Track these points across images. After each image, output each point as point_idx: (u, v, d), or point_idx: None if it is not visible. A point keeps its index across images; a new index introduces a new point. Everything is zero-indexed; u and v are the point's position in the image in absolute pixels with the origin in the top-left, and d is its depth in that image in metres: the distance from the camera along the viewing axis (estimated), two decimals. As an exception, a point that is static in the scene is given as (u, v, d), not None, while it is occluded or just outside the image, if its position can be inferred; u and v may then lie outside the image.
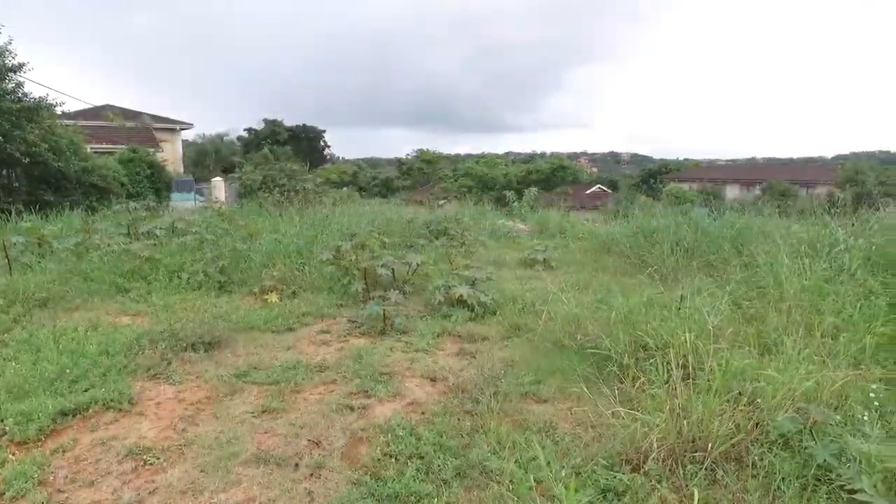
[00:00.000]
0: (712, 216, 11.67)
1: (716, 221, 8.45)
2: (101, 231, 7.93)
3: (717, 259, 7.07)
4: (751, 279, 5.59)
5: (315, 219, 9.11)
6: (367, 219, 9.39)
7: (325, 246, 7.08)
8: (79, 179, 13.88)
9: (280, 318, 5.11)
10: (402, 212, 11.91)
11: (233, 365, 4.05)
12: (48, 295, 5.58)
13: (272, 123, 59.53)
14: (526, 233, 12.34)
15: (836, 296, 4.55)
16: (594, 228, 11.19)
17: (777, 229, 7.41)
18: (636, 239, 8.41)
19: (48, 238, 7.20)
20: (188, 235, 7.45)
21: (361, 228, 8.33)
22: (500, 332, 4.79)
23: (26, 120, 12.31)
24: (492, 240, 10.59)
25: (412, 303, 5.68)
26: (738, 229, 7.59)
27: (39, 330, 4.62)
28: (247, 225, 8.75)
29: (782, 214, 8.92)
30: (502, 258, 8.70)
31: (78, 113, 31.40)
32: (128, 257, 6.59)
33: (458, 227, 10.06)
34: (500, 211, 17.67)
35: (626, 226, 9.49)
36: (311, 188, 12.14)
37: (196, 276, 6.27)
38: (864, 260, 5.43)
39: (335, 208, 10.74)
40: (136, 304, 5.58)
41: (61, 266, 6.55)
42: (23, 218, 10.45)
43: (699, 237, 7.70)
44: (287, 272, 6.35)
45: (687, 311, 3.89)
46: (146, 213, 9.07)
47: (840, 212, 7.61)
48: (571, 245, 9.98)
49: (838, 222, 6.88)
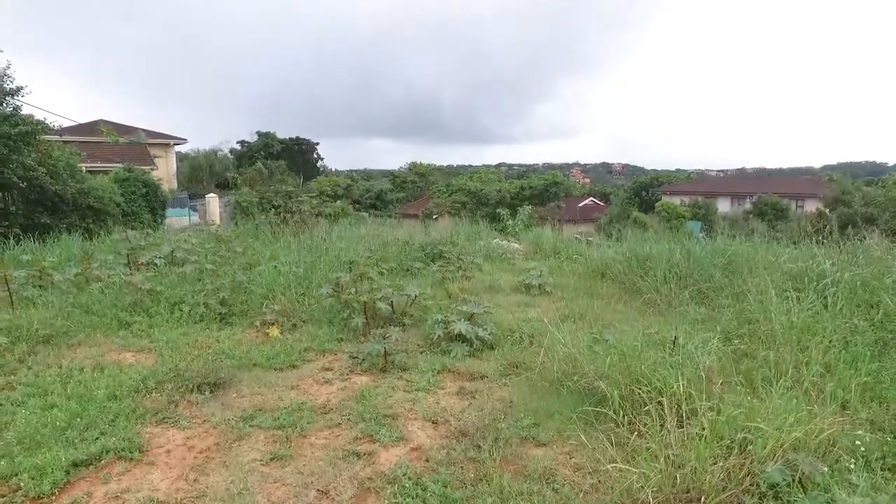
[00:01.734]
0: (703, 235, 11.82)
1: (707, 247, 8.63)
2: (101, 261, 7.99)
3: (708, 287, 7.24)
4: (742, 312, 5.75)
5: (313, 244, 9.20)
6: (363, 244, 9.50)
7: (324, 276, 7.21)
8: (75, 201, 13.90)
9: (282, 355, 5.20)
10: (397, 233, 12.02)
11: (239, 407, 4.13)
12: (51, 331, 5.64)
13: (265, 136, 59.71)
14: (521, 253, 12.49)
15: (824, 333, 4.71)
16: (588, 251, 11.34)
17: (767, 257, 7.61)
18: (629, 264, 8.57)
19: (49, 269, 7.25)
20: (188, 265, 7.53)
21: (359, 255, 8.45)
22: (498, 370, 4.90)
23: (24, 143, 12.37)
24: (487, 261, 10.73)
25: (411, 336, 5.79)
26: (729, 257, 7.75)
27: (46, 371, 4.69)
28: (245, 251, 8.84)
29: (772, 239, 9.10)
30: (497, 282, 8.82)
31: (72, 129, 31.44)
32: (129, 290, 6.65)
33: (454, 250, 10.20)
34: (495, 227, 17.87)
35: (620, 250, 9.64)
36: (308, 210, 12.21)
37: (197, 308, 6.36)
38: (851, 294, 5.61)
39: (332, 231, 10.83)
40: (139, 340, 5.65)
41: (63, 299, 6.61)
42: (20, 243, 10.50)
43: (691, 264, 7.85)
44: (287, 304, 6.44)
45: (680, 353, 4.03)
46: (145, 243, 9.13)
47: (827, 237, 7.82)
48: (566, 268, 10.14)
49: (826, 251, 7.10)
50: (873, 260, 6.47)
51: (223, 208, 25.11)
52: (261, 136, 59.46)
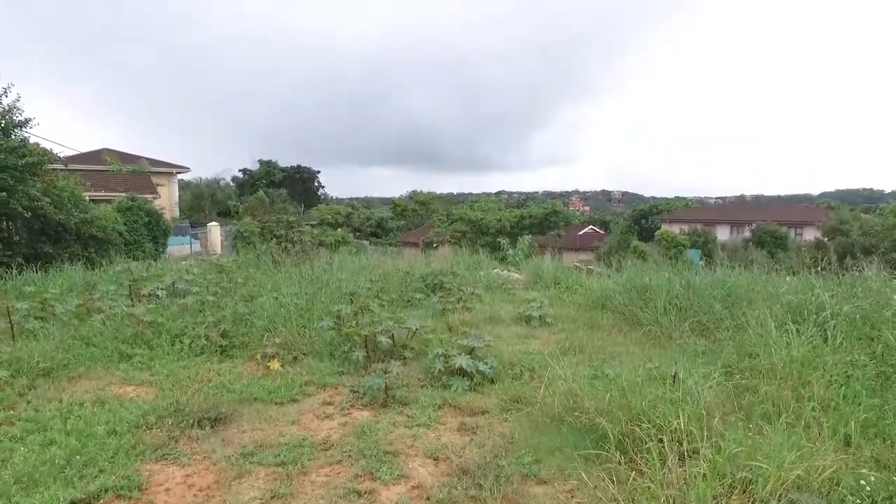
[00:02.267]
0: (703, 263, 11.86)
1: (707, 278, 8.65)
2: (103, 292, 8.02)
3: (708, 319, 7.25)
4: (742, 345, 5.76)
5: (314, 274, 9.24)
6: (364, 275, 9.54)
7: (325, 307, 7.22)
8: (78, 231, 14.01)
9: (283, 389, 5.19)
10: (398, 263, 12.07)
11: (239, 443, 4.11)
12: (52, 364, 5.64)
13: (267, 164, 60.36)
14: (521, 283, 12.51)
15: (825, 368, 4.71)
16: (588, 281, 11.38)
17: (766, 289, 7.64)
18: (629, 295, 8.59)
19: (51, 301, 7.28)
20: (189, 297, 7.56)
21: (360, 286, 8.48)
22: (499, 405, 4.88)
23: (30, 174, 12.54)
24: (487, 292, 10.74)
25: (412, 370, 5.78)
26: (728, 289, 7.78)
27: (46, 405, 4.68)
28: (246, 282, 8.88)
29: (771, 269, 9.13)
30: (498, 314, 8.82)
31: (77, 157, 31.82)
32: (130, 322, 6.67)
33: (454, 281, 10.24)
34: (495, 257, 17.92)
35: (619, 280, 9.67)
36: (309, 240, 12.30)
37: (199, 340, 6.37)
38: (851, 327, 5.62)
39: (333, 261, 10.88)
40: (140, 373, 5.64)
41: (64, 331, 6.62)
42: (23, 272, 10.56)
43: (691, 295, 7.88)
44: (288, 336, 6.45)
45: (680, 389, 4.03)
46: (147, 274, 9.18)
47: (826, 268, 7.85)
48: (566, 298, 10.16)
49: (824, 283, 7.13)
50: (872, 292, 6.50)
51: (224, 237, 25.26)
52: (262, 165, 60.10)
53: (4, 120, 12.57)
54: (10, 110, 12.68)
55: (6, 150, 11.95)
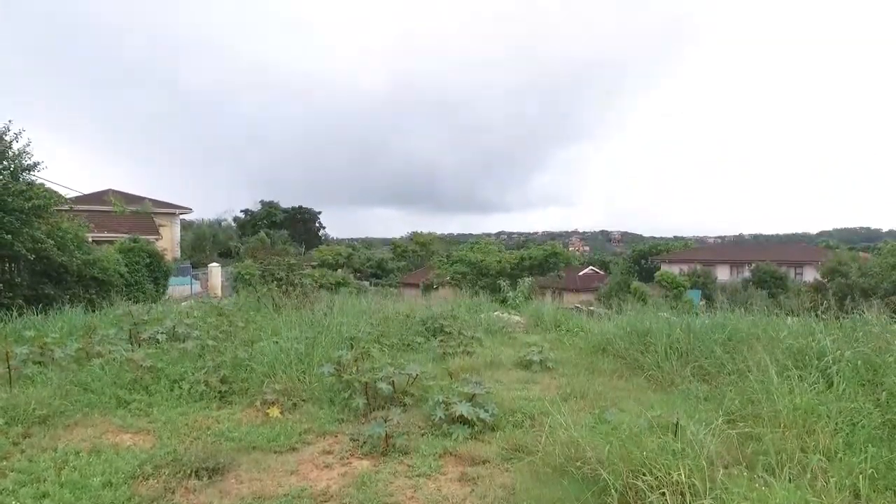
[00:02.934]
0: (704, 307, 11.84)
1: (707, 322, 8.65)
2: (103, 336, 8.01)
3: (710, 364, 7.22)
4: (744, 391, 5.71)
5: (314, 318, 9.24)
6: (365, 319, 9.53)
7: (325, 352, 7.20)
8: (80, 273, 14.07)
9: (282, 437, 5.13)
10: (399, 306, 12.08)
11: (237, 494, 4.05)
12: (48, 411, 5.59)
13: (268, 205, 61.07)
14: (521, 326, 12.48)
15: (829, 415, 4.67)
16: (589, 324, 11.36)
17: (766, 333, 7.63)
18: (630, 339, 8.57)
19: (50, 345, 7.26)
20: (189, 341, 7.55)
21: (360, 330, 8.48)
22: (500, 454, 4.82)
23: (35, 216, 12.69)
24: (487, 335, 10.71)
25: (413, 417, 5.72)
26: (729, 333, 7.77)
27: (40, 455, 4.62)
28: (247, 326, 8.87)
29: (771, 311, 9.13)
30: (499, 358, 8.78)
31: (81, 198, 32.22)
32: (129, 367, 6.64)
33: (455, 324, 10.23)
34: (495, 298, 17.92)
35: (620, 323, 9.67)
36: (310, 283, 12.34)
37: (198, 385, 6.32)
38: (853, 373, 5.59)
39: (334, 304, 10.90)
40: (138, 420, 5.58)
41: (62, 376, 6.57)
42: (23, 315, 10.55)
43: (692, 340, 7.86)
44: (288, 382, 6.41)
45: (682, 439, 3.99)
46: (148, 317, 9.18)
47: (825, 311, 7.84)
48: (566, 342, 10.13)
49: (825, 327, 7.12)
50: (873, 336, 6.49)
51: (225, 278, 25.31)
52: (264, 206, 60.79)
53: (14, 164, 12.81)
54: (19, 154, 12.95)
55: (13, 193, 12.14)
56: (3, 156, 12.90)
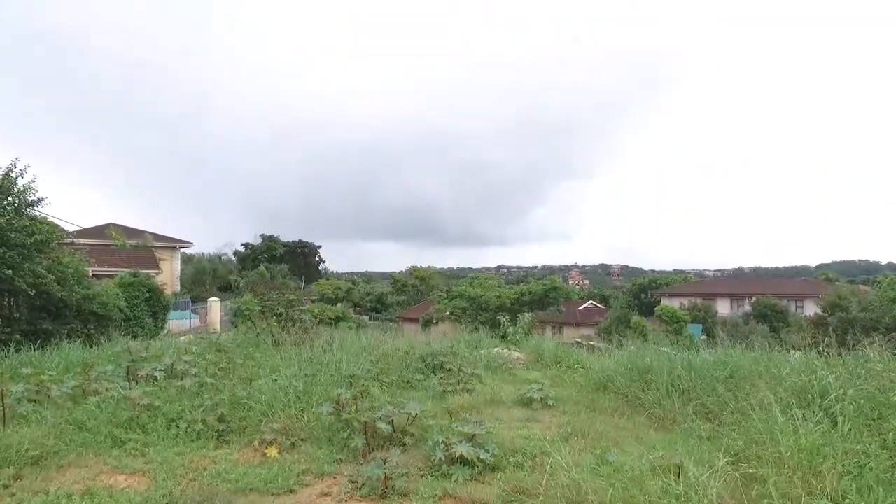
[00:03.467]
0: (705, 341, 11.77)
1: (708, 358, 8.60)
2: (100, 373, 7.96)
3: (712, 402, 7.14)
4: (747, 431, 5.64)
5: (313, 355, 9.19)
6: (364, 356, 9.48)
7: (324, 390, 7.15)
8: (79, 307, 14.05)
9: (280, 478, 5.04)
10: (398, 342, 12.01)
11: (231, 540, 3.96)
12: (42, 451, 5.50)
13: (269, 239, 61.33)
14: (521, 362, 12.39)
15: (835, 457, 4.61)
16: (589, 360, 11.29)
17: (768, 370, 7.58)
18: (631, 376, 8.51)
19: (47, 383, 7.20)
20: (188, 378, 7.49)
21: (360, 367, 8.42)
22: (500, 496, 4.73)
23: (37, 252, 12.75)
24: (488, 372, 10.62)
25: (412, 457, 5.64)
26: (731, 370, 7.72)
27: (31, 499, 4.54)
28: (245, 363, 8.82)
29: (772, 347, 9.09)
30: (499, 395, 8.69)
31: (82, 231, 32.37)
32: (126, 405, 6.57)
33: (455, 361, 10.16)
34: (495, 334, 17.84)
35: (620, 360, 9.61)
36: (309, 319, 12.31)
37: (195, 424, 6.25)
38: (858, 412, 5.53)
39: (333, 341, 10.84)
40: (133, 461, 5.49)
41: (57, 414, 6.51)
42: (20, 350, 10.49)
43: (693, 377, 7.80)
44: (287, 420, 6.34)
45: (684, 482, 3.94)
46: (146, 354, 9.13)
47: (827, 348, 7.80)
48: (567, 379, 10.05)
49: (827, 363, 7.07)
50: (875, 374, 6.45)
51: (224, 312, 25.23)
52: (265, 239, 61.03)
53: (18, 200, 12.94)
54: (24, 190, 13.10)
55: (16, 228, 12.22)
56: (9, 191, 13.04)
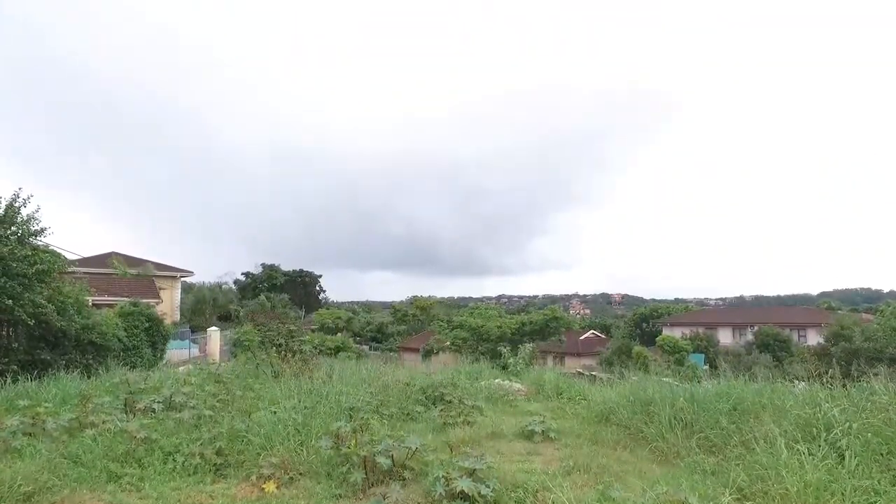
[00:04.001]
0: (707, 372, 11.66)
1: (712, 390, 8.52)
2: (97, 405, 7.89)
3: (716, 435, 7.05)
4: (752, 466, 5.56)
5: (312, 387, 9.12)
6: (364, 388, 9.41)
7: (323, 423, 7.07)
8: (78, 337, 13.98)
9: (277, 515, 4.96)
10: (398, 373, 11.93)
11: (227, 580, 3.88)
12: (34, 487, 5.42)
13: (269, 268, 61.35)
14: (523, 393, 12.27)
15: (843, 493, 4.54)
16: (591, 391, 11.19)
17: (772, 402, 7.50)
18: (633, 408, 8.42)
19: (43, 415, 7.14)
20: (186, 411, 7.42)
21: (359, 399, 8.35)
22: (503, 534, 4.65)
23: (38, 281, 12.76)
24: (488, 404, 10.52)
25: (412, 492, 5.54)
26: (734, 402, 7.65)
27: (25, 536, 4.45)
28: (244, 394, 8.75)
29: (775, 378, 9.01)
30: (500, 428, 8.59)
31: (83, 260, 32.44)
32: (123, 438, 6.50)
33: (455, 392, 10.08)
34: (496, 365, 17.72)
35: (622, 391, 9.52)
36: (309, 350, 12.26)
37: (193, 458, 6.16)
38: (864, 446, 5.46)
39: (333, 372, 10.78)
40: (128, 496, 5.41)
41: (53, 448, 6.42)
42: (17, 381, 10.41)
43: (696, 409, 7.72)
44: (286, 454, 6.26)
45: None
46: (145, 385, 9.07)
47: (831, 379, 7.72)
48: (568, 411, 9.94)
49: (831, 395, 7.00)
50: (881, 406, 6.38)
51: (223, 342, 25.10)
52: (265, 269, 61.05)
53: (22, 230, 13.03)
54: (28, 220, 13.19)
55: (18, 258, 12.27)
56: (12, 221, 13.13)
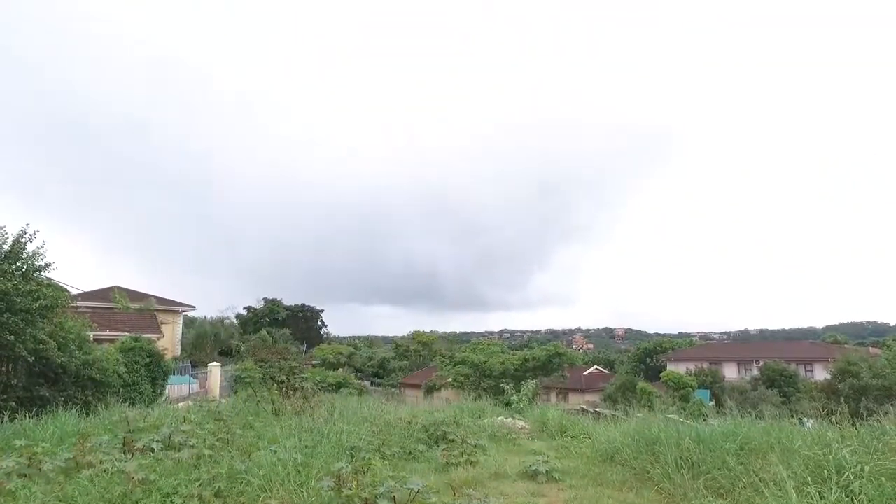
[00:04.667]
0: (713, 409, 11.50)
1: (718, 429, 8.40)
2: (95, 444, 7.79)
3: (723, 476, 6.92)
4: (762, 510, 5.44)
5: (313, 425, 9.02)
6: (366, 427, 9.30)
7: (324, 462, 6.97)
8: (78, 373, 13.88)
9: (275, 561, 4.84)
10: (400, 411, 11.81)
11: None
12: (28, 532, 5.32)
13: (272, 303, 61.22)
14: (526, 432, 12.10)
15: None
16: (595, 429, 11.04)
17: (780, 441, 7.37)
18: (638, 448, 8.29)
19: (39, 455, 7.05)
20: (185, 450, 7.32)
21: (361, 438, 8.25)
22: (508, 581, 4.53)
23: (40, 317, 12.75)
24: (491, 442, 10.37)
25: (414, 537, 5.44)
26: (741, 442, 7.53)
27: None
28: (244, 433, 8.64)
29: (783, 415, 8.90)
30: (503, 468, 8.45)
31: (85, 294, 32.47)
32: (120, 479, 6.39)
33: (458, 431, 9.95)
34: (499, 401, 17.51)
35: (627, 430, 9.39)
36: (310, 387, 12.16)
37: (191, 500, 6.04)
38: (878, 490, 5.34)
39: (334, 410, 10.67)
40: (123, 542, 5.30)
41: (48, 490, 6.31)
42: (14, 420, 10.30)
43: (702, 449, 7.60)
44: (285, 495, 6.15)
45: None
46: (144, 424, 8.97)
47: (840, 418, 7.60)
48: (572, 450, 9.78)
49: (841, 436, 6.88)
50: (893, 447, 6.27)
51: (224, 378, 24.89)
52: (267, 303, 60.93)
53: (27, 265, 13.10)
54: (33, 256, 13.28)
55: (22, 293, 12.30)
56: (17, 257, 13.22)
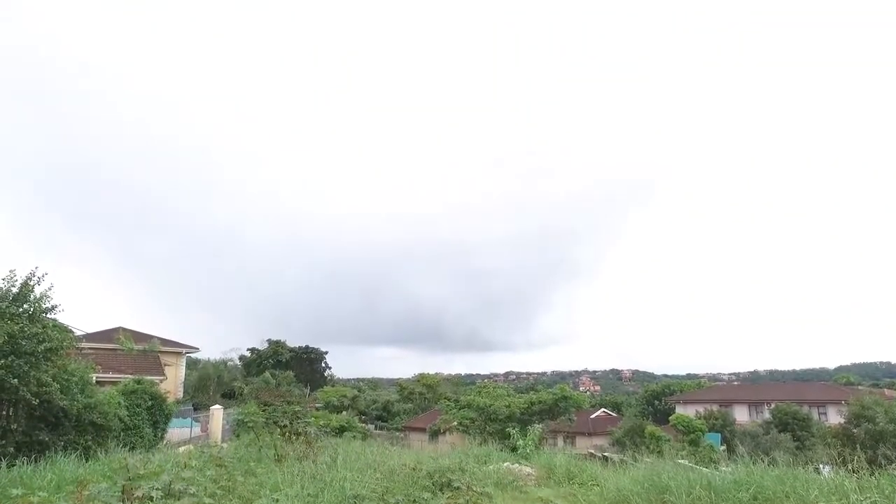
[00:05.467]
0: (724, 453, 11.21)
1: (730, 477, 8.21)
2: (94, 492, 7.65)
3: (737, 527, 6.74)
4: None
5: (316, 471, 8.86)
6: (369, 473, 9.13)
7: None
8: (79, 417, 13.73)
9: None
10: (404, 456, 11.60)
11: None
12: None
13: (275, 344, 60.83)
14: (533, 478, 11.82)
15: None
16: (604, 474, 10.79)
17: (794, 491, 7.19)
18: (648, 496, 8.09)
19: (36, 505, 6.91)
20: (185, 498, 7.18)
21: (364, 485, 8.10)
22: None
23: (44, 359, 12.72)
24: (497, 490, 10.13)
25: (418, 592, 5.28)
26: (754, 492, 7.35)
27: None
28: (246, 480, 8.48)
29: (798, 461, 8.68)
30: (510, 517, 8.24)
31: (89, 335, 32.45)
32: (119, 529, 6.27)
33: (463, 478, 9.73)
34: (505, 446, 17.17)
35: (636, 477, 9.17)
36: (314, 431, 11.99)
37: (189, 552, 5.92)
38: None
39: (337, 455, 10.49)
40: None
41: (45, 540, 6.20)
42: (12, 466, 10.15)
43: (714, 498, 7.41)
44: (285, 547, 6.01)
45: None
46: (144, 471, 8.81)
47: (857, 465, 7.40)
48: (580, 498, 9.54)
49: (859, 486, 6.70)
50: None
51: (226, 421, 24.57)
52: (271, 344, 60.57)
53: (34, 307, 13.16)
54: (40, 298, 13.35)
55: (28, 336, 12.31)
56: (25, 299, 13.29)
